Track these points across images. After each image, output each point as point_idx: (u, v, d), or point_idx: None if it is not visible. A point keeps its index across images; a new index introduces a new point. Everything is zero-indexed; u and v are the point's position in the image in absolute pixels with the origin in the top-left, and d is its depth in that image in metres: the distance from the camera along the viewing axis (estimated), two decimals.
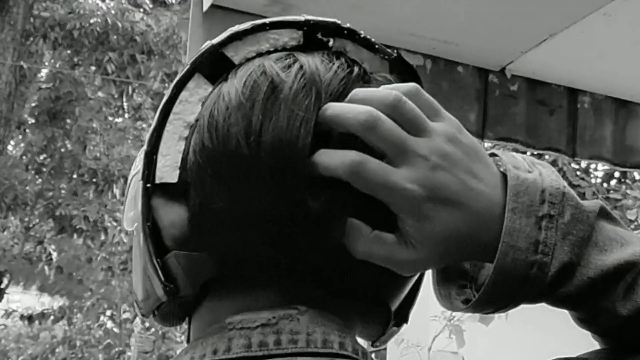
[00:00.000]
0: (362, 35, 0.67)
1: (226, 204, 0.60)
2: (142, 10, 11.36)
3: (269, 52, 0.64)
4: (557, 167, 8.91)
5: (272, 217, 0.59)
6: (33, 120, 11.63)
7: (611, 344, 0.66)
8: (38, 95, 11.70)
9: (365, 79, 0.64)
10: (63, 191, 11.31)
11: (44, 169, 11.48)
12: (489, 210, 0.60)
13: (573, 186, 8.46)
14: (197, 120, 0.63)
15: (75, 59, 11.47)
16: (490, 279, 0.60)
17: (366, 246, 0.60)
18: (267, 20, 0.66)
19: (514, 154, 0.65)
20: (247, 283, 0.62)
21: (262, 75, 0.61)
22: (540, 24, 2.10)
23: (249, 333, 0.59)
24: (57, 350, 12.48)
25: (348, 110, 0.60)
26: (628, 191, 8.14)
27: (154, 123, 0.64)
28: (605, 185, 8.83)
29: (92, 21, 10.66)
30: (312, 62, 0.63)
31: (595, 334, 0.66)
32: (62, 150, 11.39)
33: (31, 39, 11.09)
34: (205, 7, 1.95)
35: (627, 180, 8.78)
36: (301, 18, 0.65)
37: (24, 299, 13.17)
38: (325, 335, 0.59)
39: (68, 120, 11.42)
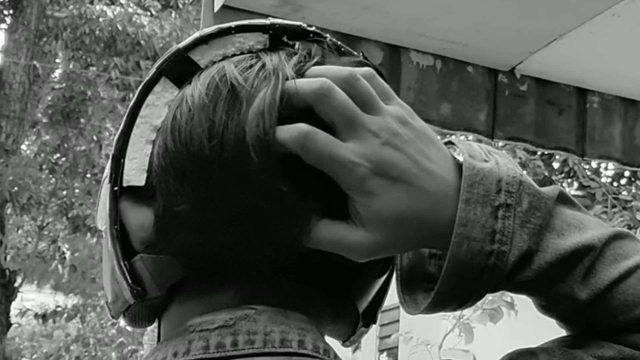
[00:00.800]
0: (327, 39, 0.66)
1: (190, 206, 0.60)
2: (149, 14, 11.37)
3: (234, 56, 0.64)
4: (568, 167, 8.89)
5: (235, 217, 0.59)
6: (46, 120, 11.69)
7: (575, 331, 0.65)
8: (51, 95, 11.77)
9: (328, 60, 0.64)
10: (77, 190, 11.37)
11: (58, 168, 11.54)
12: (441, 191, 0.60)
13: (583, 187, 8.44)
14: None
15: (87, 60, 11.52)
16: (445, 271, 0.59)
17: (314, 232, 0.60)
18: (232, 24, 0.66)
19: (471, 142, 0.65)
20: (210, 285, 0.62)
21: (224, 77, 0.61)
22: (550, 24, 2.11)
23: (207, 335, 0.59)
24: (71, 348, 12.57)
25: (304, 81, 0.61)
26: (639, 192, 8.10)
27: (121, 127, 0.64)
28: (615, 184, 8.79)
29: (99, 26, 10.69)
30: (274, 57, 0.63)
31: (558, 320, 0.65)
32: (76, 149, 11.45)
33: (44, 39, 11.15)
34: (217, 7, 1.97)
35: (638, 182, 8.74)
36: (267, 21, 0.65)
37: (37, 297, 13.24)
38: (284, 334, 0.59)
39: (81, 120, 11.48)
